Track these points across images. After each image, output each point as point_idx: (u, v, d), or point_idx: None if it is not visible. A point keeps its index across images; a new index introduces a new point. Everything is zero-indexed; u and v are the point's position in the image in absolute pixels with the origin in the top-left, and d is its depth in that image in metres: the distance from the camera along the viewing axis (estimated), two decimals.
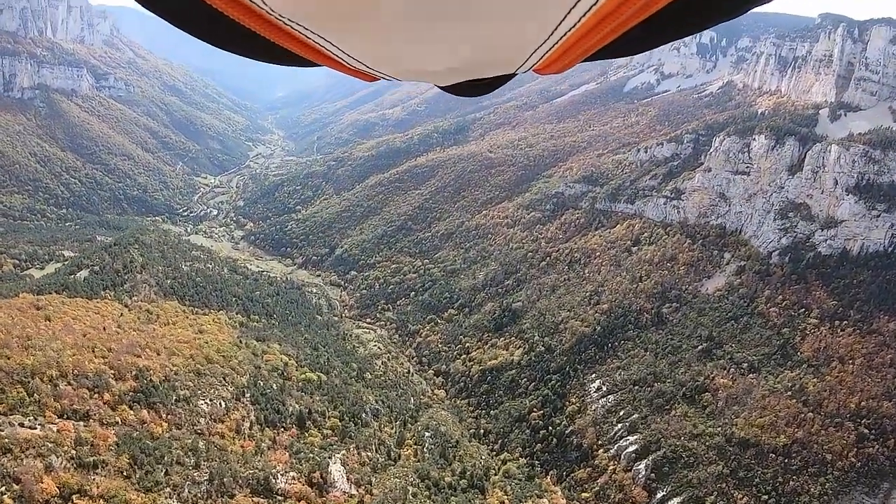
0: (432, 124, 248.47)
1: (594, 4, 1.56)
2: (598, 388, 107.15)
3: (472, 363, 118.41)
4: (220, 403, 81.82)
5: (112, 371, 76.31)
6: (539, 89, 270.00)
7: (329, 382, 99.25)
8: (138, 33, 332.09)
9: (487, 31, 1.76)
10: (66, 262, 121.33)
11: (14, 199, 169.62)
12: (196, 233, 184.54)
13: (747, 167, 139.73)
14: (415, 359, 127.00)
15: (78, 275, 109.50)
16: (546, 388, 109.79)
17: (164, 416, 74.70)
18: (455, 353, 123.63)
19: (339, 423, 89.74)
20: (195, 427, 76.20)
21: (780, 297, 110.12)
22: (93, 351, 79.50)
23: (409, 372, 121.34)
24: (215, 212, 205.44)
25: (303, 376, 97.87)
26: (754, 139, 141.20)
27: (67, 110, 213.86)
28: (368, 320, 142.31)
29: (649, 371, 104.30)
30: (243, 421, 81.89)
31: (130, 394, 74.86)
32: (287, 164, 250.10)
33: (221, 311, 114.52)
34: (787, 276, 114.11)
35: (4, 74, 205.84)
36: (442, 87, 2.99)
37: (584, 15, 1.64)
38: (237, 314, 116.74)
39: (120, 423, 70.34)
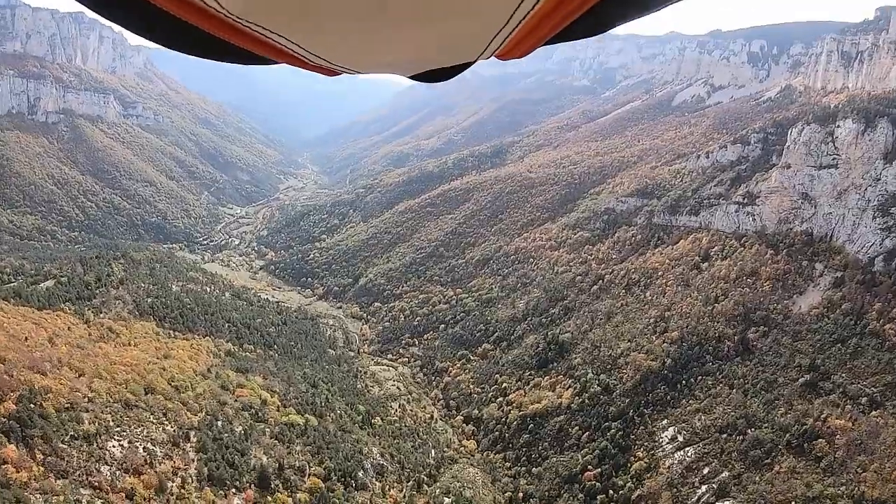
0: (468, 150, 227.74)
1: None
2: (673, 438, 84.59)
3: (510, 407, 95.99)
4: (142, 448, 58.91)
5: None
6: (581, 111, 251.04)
7: (320, 428, 76.45)
8: (177, 73, 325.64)
9: (445, 23, 1.71)
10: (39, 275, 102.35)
11: (26, 219, 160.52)
12: (213, 261, 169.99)
13: (834, 159, 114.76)
14: (441, 402, 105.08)
15: (42, 285, 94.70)
16: (604, 439, 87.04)
17: (40, 456, 52.03)
18: (489, 395, 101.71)
19: (323, 484, 65.71)
20: (90, 478, 53.19)
21: None
22: None
23: (432, 417, 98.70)
24: (237, 241, 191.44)
25: (284, 419, 75.34)
26: (839, 126, 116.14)
27: (91, 135, 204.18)
28: (390, 356, 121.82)
29: (739, 414, 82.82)
30: (174, 475, 58.91)
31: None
32: (318, 195, 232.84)
33: (207, 338, 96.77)
34: None
35: (29, 98, 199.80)
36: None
37: (538, 1, 1.60)
38: (227, 342, 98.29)
39: None
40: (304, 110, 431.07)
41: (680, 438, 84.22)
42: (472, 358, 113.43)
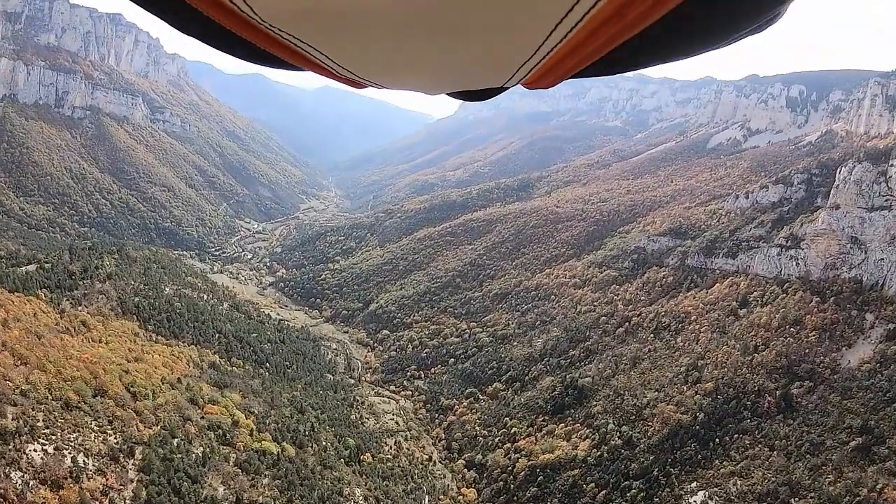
0: (494, 182, 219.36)
1: (581, 20, 1.49)
2: None
3: (518, 455, 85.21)
4: (71, 458, 49.27)
5: None
6: (612, 150, 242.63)
7: (296, 460, 66.17)
8: (212, 86, 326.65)
9: (475, 46, 1.70)
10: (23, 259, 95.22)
11: (38, 209, 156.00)
12: (221, 272, 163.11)
13: (887, 200, 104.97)
14: (442, 442, 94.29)
15: (24, 268, 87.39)
16: (623, 501, 76.09)
17: None
18: (497, 439, 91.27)
19: None
20: None
21: None
22: None
23: (430, 459, 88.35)
24: (250, 255, 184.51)
25: (256, 445, 65.05)
26: (892, 165, 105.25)
27: (115, 134, 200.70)
28: (392, 387, 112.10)
29: (781, 480, 71.78)
30: (102, 495, 49.14)
31: None
32: (337, 218, 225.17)
33: (193, 346, 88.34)
34: None
35: (58, 90, 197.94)
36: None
37: (570, 30, 1.57)
38: (213, 353, 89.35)
39: None
40: (334, 135, 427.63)
41: None
42: (481, 397, 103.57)
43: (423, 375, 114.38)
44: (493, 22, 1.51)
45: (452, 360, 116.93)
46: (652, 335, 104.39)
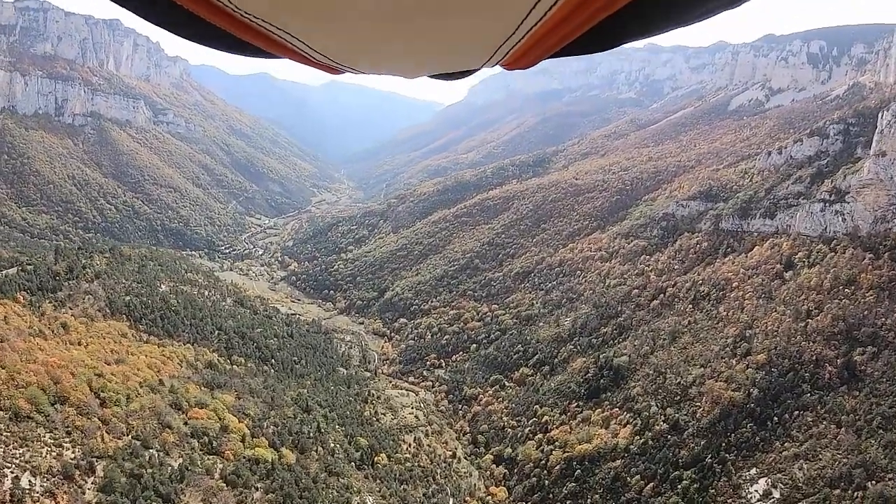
0: (509, 159, 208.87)
1: (556, 2, 1.50)
2: (767, 494, 63.05)
3: (551, 447, 75.73)
4: (13, 476, 40.74)
5: None
6: (629, 119, 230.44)
7: (296, 468, 57.07)
8: (218, 88, 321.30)
9: (452, 29, 1.69)
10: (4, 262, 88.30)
11: (40, 218, 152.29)
12: (231, 269, 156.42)
13: None
14: (467, 436, 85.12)
15: (4, 272, 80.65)
16: (674, 493, 66.10)
17: None
18: (527, 430, 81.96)
19: None
20: None
21: None
22: None
23: (454, 456, 79.35)
24: (261, 251, 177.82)
25: (249, 452, 56.11)
26: None
27: (117, 139, 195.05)
28: (411, 379, 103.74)
29: (854, 461, 61.59)
30: None
31: None
32: (350, 208, 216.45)
33: (189, 345, 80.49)
34: None
35: (57, 99, 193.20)
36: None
37: (547, 11, 1.57)
38: (212, 351, 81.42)
39: None
40: (344, 128, 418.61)
41: (776, 494, 63.06)
42: (507, 384, 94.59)
43: (443, 364, 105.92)
44: (470, 4, 1.50)
45: (474, 345, 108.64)
46: (690, 306, 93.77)
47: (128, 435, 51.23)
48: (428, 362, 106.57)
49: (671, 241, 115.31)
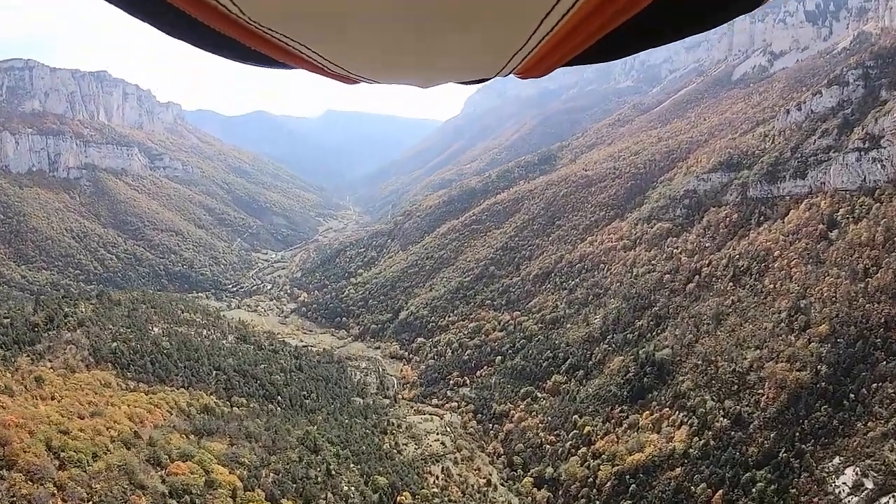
0: (514, 161, 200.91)
1: (571, 9, 1.48)
2: (858, 486, 53.77)
3: (598, 461, 66.46)
4: None
5: None
6: (631, 104, 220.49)
7: None
8: (215, 129, 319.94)
9: (465, 39, 1.69)
10: None
11: (40, 274, 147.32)
12: (239, 307, 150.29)
13: None
14: (501, 458, 76.06)
15: None
16: (749, 499, 56.42)
17: None
18: (568, 445, 72.76)
19: None
20: None
21: None
22: None
23: (488, 483, 70.54)
24: (269, 285, 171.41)
25: None
26: None
27: (114, 188, 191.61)
28: (434, 401, 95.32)
29: None
30: None
31: None
32: (357, 233, 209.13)
33: (184, 389, 73.52)
34: None
35: (49, 154, 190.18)
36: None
37: (560, 19, 1.55)
38: (209, 394, 74.08)
39: None
40: (345, 156, 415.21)
41: (869, 484, 53.38)
42: (539, 395, 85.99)
43: (468, 381, 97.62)
44: (483, 14, 1.49)
45: (499, 357, 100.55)
46: (731, 284, 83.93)
47: (88, 502, 42.72)
48: (451, 381, 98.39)
49: (697, 219, 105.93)
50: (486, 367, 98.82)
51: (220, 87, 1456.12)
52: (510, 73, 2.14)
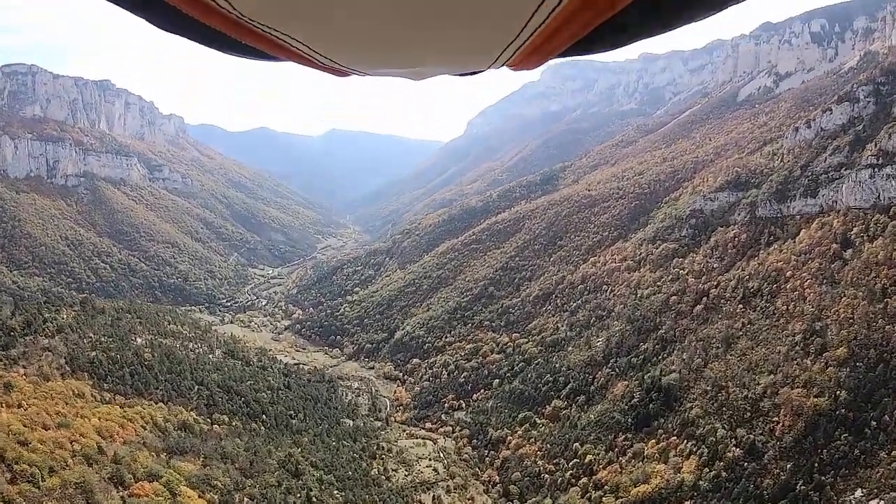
0: (515, 181, 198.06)
1: (561, 2, 1.49)
2: None
3: (601, 492, 62.53)
4: None
5: None
6: (635, 125, 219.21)
7: None
8: (217, 144, 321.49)
9: (457, 32, 1.69)
10: None
11: (32, 280, 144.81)
12: (232, 322, 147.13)
13: None
14: (497, 487, 71.18)
15: None
16: None
17: None
18: (568, 474, 68.16)
19: None
20: None
21: None
22: None
23: None
24: (264, 302, 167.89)
25: None
26: None
27: (112, 197, 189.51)
28: (428, 425, 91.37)
29: None
30: None
31: None
32: (356, 251, 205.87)
33: (162, 403, 69.85)
34: None
35: (48, 161, 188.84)
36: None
37: (550, 13, 1.56)
38: (189, 410, 70.20)
39: None
40: (347, 175, 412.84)
41: None
42: (538, 421, 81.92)
43: (463, 405, 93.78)
44: (475, 5, 1.49)
45: (497, 381, 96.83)
46: (741, 306, 79.95)
47: None
48: (446, 404, 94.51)
49: (704, 239, 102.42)
50: (482, 391, 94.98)
51: (224, 103, 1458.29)
52: (502, 65, 2.12)
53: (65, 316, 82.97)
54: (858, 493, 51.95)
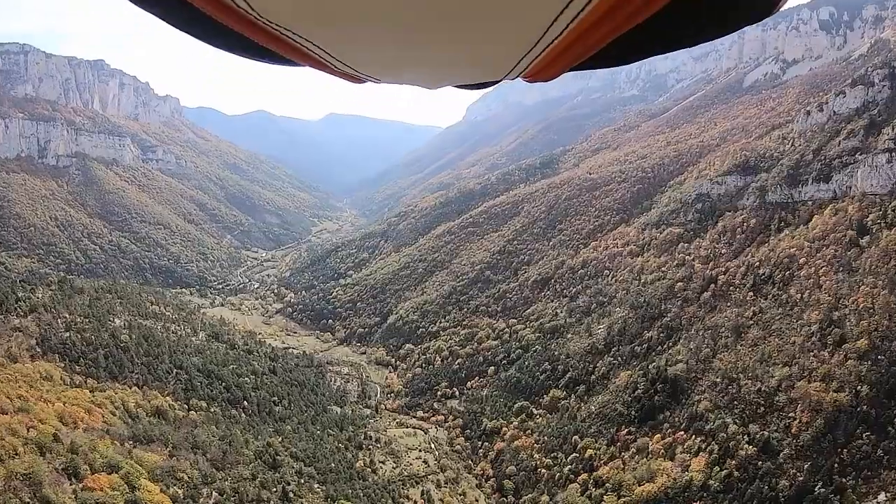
0: (515, 164, 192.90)
1: (580, 13, 1.46)
2: None
3: (602, 490, 58.32)
4: None
5: None
6: (637, 110, 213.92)
7: None
8: (214, 126, 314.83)
9: (474, 41, 1.67)
10: None
11: (20, 262, 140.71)
12: (222, 304, 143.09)
13: None
14: (490, 482, 66.38)
15: None
16: None
17: None
18: (567, 469, 63.40)
19: None
20: None
21: None
22: None
23: None
24: (257, 285, 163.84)
25: None
26: None
27: (103, 178, 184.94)
28: (420, 413, 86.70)
29: None
30: None
31: None
32: (351, 234, 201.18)
33: (136, 387, 66.02)
34: None
35: (39, 141, 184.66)
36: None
37: (569, 24, 1.54)
38: (166, 395, 66.13)
39: None
40: (345, 159, 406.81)
41: None
42: (535, 412, 77.52)
43: (457, 393, 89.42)
44: (493, 16, 1.48)
45: (492, 368, 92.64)
46: (751, 293, 75.34)
47: None
48: (439, 392, 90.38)
49: (711, 224, 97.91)
50: (477, 378, 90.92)
51: (223, 86, 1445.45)
52: (518, 76, 2.09)
53: (40, 295, 78.64)
54: (882, 496, 47.68)
